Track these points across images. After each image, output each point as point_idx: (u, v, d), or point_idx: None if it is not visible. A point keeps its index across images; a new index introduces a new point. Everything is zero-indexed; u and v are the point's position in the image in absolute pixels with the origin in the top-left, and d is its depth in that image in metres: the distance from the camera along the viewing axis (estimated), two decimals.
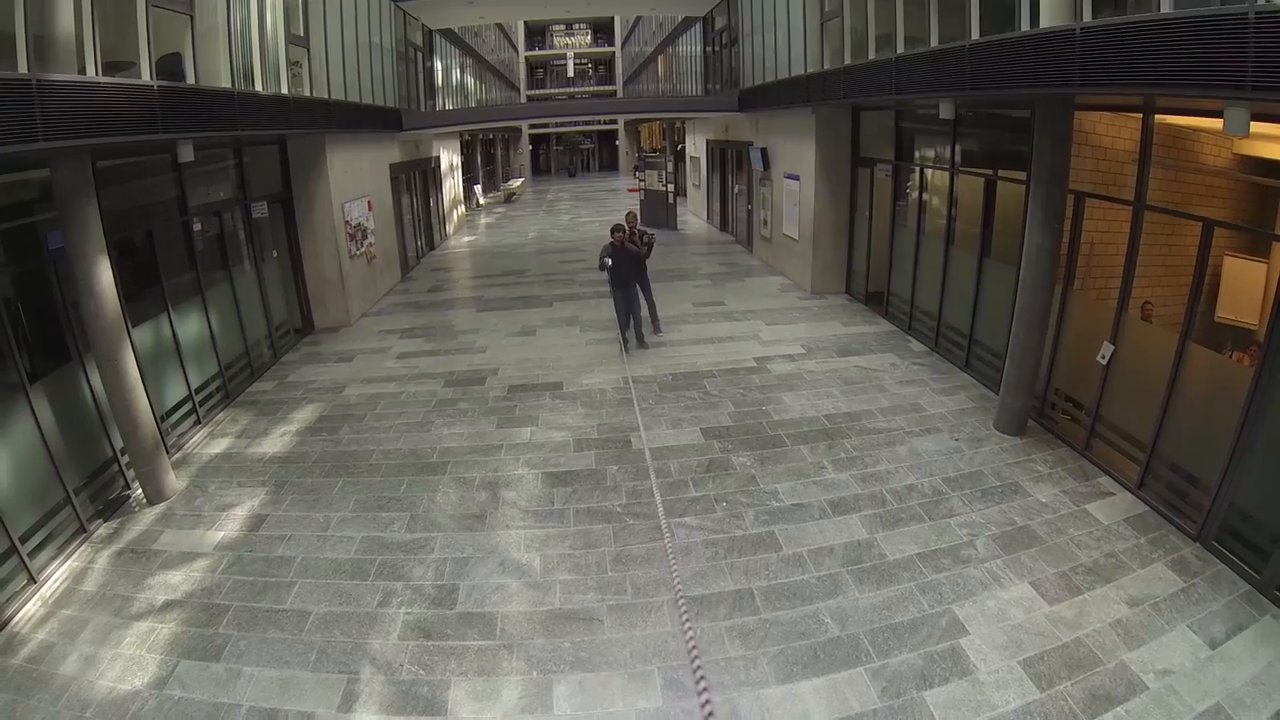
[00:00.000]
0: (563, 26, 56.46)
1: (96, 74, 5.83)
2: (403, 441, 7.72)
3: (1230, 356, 5.91)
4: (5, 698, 4.54)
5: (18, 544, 5.60)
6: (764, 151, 16.10)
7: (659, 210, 22.93)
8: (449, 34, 23.17)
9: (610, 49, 52.62)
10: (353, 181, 13.17)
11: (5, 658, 4.91)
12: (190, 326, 8.60)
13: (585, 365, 9.69)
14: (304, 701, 4.40)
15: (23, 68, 5.05)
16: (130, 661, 4.79)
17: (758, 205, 17.11)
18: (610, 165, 56.77)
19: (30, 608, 5.43)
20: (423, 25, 19.43)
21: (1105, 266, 6.96)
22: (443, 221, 22.57)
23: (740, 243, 19.13)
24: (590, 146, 58.58)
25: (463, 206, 27.41)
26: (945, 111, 8.15)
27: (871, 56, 9.41)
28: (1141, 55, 4.75)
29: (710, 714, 3.51)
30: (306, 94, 10.74)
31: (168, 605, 5.34)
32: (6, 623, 5.27)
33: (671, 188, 22.62)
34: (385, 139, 15.69)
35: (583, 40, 56.48)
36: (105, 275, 6.37)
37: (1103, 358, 6.61)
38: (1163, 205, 6.10)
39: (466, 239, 23.15)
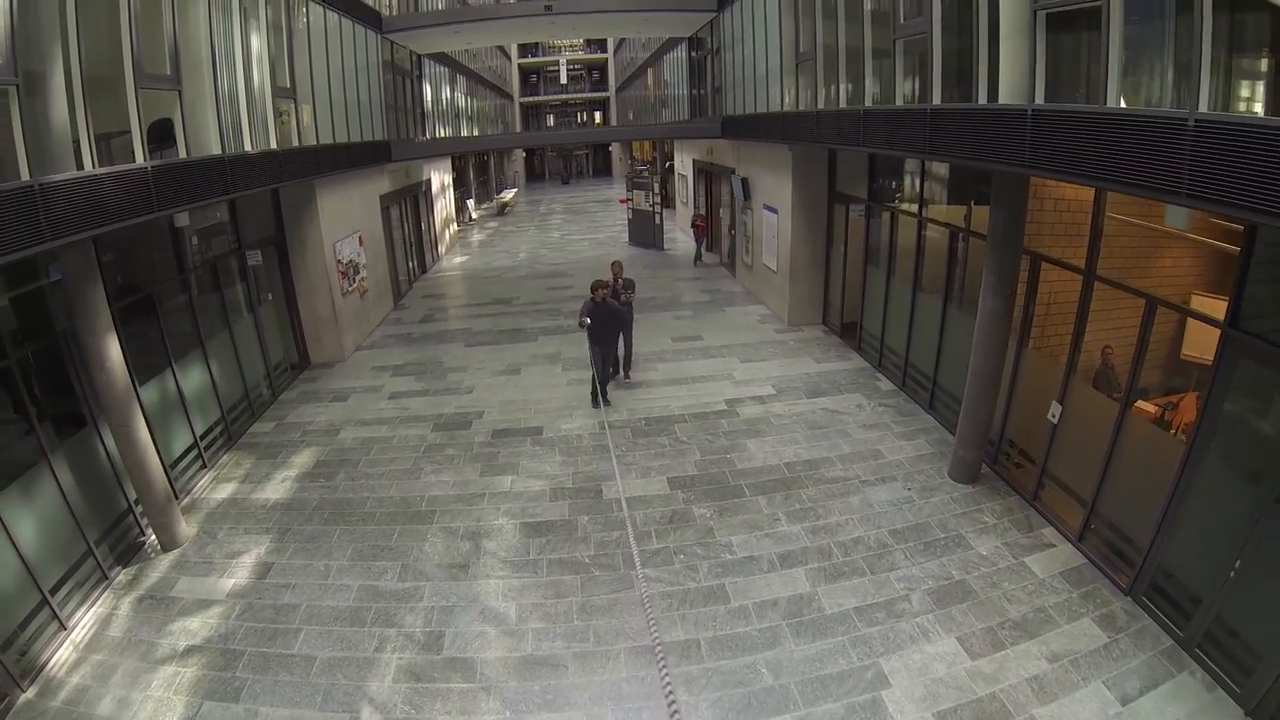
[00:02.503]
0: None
1: (93, 162, 6.20)
2: (394, 489, 8.37)
3: (1195, 396, 6.13)
4: None
5: (48, 596, 6.24)
6: (745, 181, 16.64)
7: (646, 230, 23.57)
8: (438, 54, 23.54)
9: (603, 55, 53.13)
10: (343, 220, 13.73)
11: (45, 700, 5.56)
12: (193, 378, 9.20)
13: (565, 408, 10.33)
14: None
15: (24, 173, 5.42)
16: (159, 703, 5.45)
17: (740, 232, 17.69)
18: (604, 171, 57.53)
19: (63, 653, 6.08)
20: (410, 51, 19.92)
21: (1063, 323, 7.30)
22: (434, 244, 23.17)
23: (725, 265, 19.72)
24: (584, 153, 59.26)
25: (455, 225, 27.98)
26: (912, 163, 8.62)
27: (842, 105, 9.73)
28: (1087, 145, 4.94)
29: None
30: (296, 143, 11.02)
31: (189, 650, 5.99)
32: (43, 667, 5.91)
33: (659, 208, 23.26)
34: (375, 171, 16.12)
35: (576, 45, 56.92)
36: (114, 351, 6.95)
37: (1053, 416, 7.14)
38: (1110, 277, 6.45)
39: (458, 259, 23.77)
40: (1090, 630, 5.74)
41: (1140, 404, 6.55)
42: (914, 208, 10.15)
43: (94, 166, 6.21)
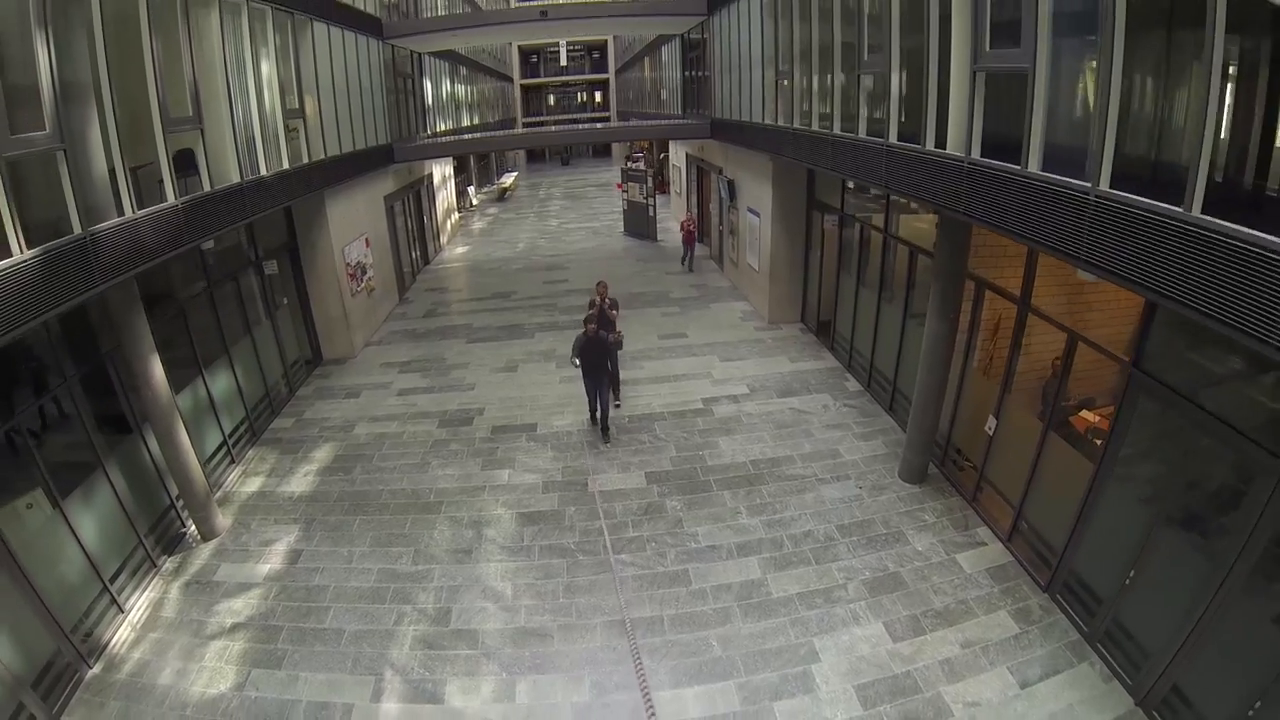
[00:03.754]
0: None
1: (132, 207, 6.98)
2: (405, 482, 9.46)
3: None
4: (119, 705, 6.27)
5: (108, 584, 7.31)
6: (731, 183, 17.47)
7: (641, 221, 24.44)
8: (438, 55, 24.20)
9: (603, 36, 53.37)
10: (350, 224, 14.65)
11: (111, 674, 6.64)
12: (220, 381, 10.22)
13: (557, 405, 11.38)
14: (345, 696, 6.21)
15: (75, 226, 6.09)
16: (213, 672, 6.55)
17: (727, 229, 18.58)
18: (604, 152, 58.24)
19: (123, 633, 7.16)
20: (411, 51, 20.58)
21: (1002, 344, 8.07)
22: (437, 234, 24.08)
23: (714, 258, 20.57)
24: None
25: (456, 214, 28.83)
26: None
27: (814, 126, 10.41)
28: (1009, 201, 5.60)
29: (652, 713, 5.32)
30: (305, 158, 11.75)
31: (235, 627, 7.09)
32: (106, 645, 6.99)
33: (653, 201, 24.10)
34: (379, 172, 16.88)
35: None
36: (157, 371, 7.95)
37: (989, 429, 8.05)
38: (1042, 307, 7.16)
39: (460, 250, 24.70)
40: (1005, 622, 6.63)
41: (1084, 413, 7.43)
42: (881, 222, 10.99)
43: (133, 210, 7.02)
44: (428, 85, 22.79)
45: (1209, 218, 3.97)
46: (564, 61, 56.13)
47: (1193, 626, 5.25)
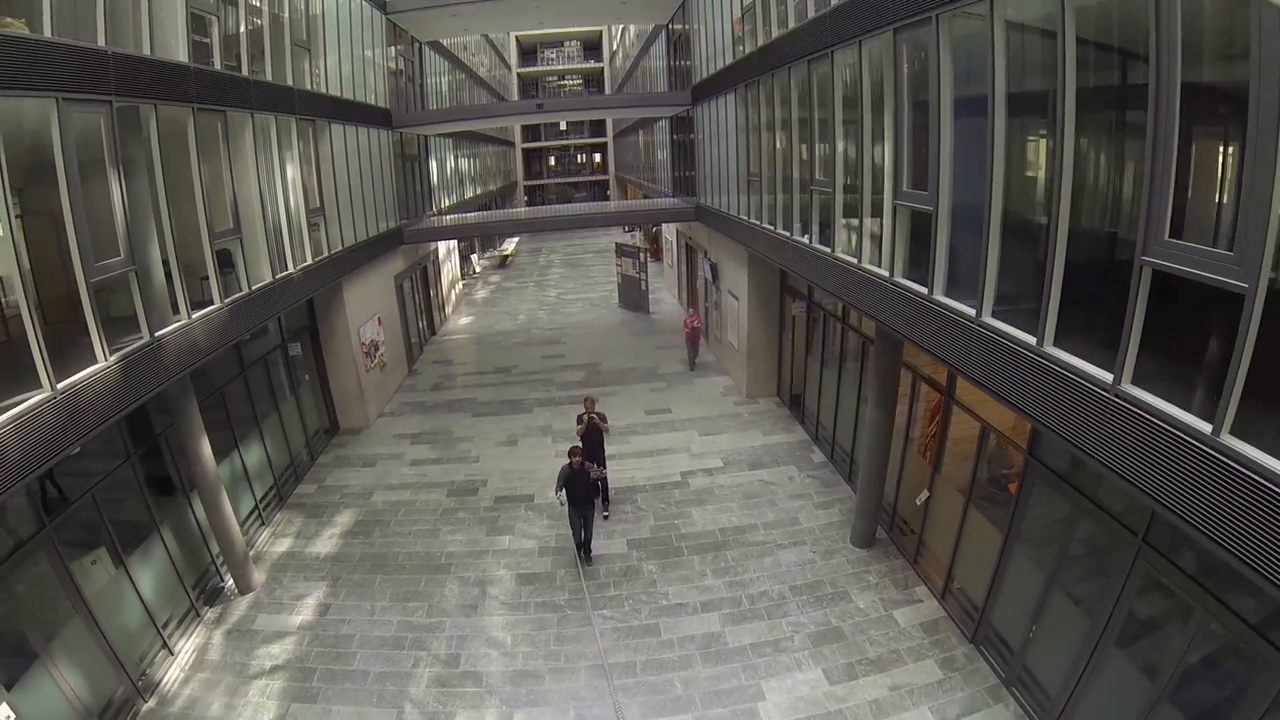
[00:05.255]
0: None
1: (187, 313, 8.42)
2: (419, 545, 10.82)
3: None
4: None
5: (160, 629, 8.59)
6: (714, 266, 19.06)
7: (634, 294, 26.12)
8: (443, 135, 25.85)
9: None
10: (364, 306, 16.12)
11: (164, 708, 7.88)
12: (252, 452, 11.63)
13: (552, 477, 12.51)
14: None
15: (145, 333, 7.44)
16: (256, 707, 7.81)
17: (711, 307, 20.17)
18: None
19: (173, 673, 8.41)
20: (417, 135, 21.79)
21: (935, 427, 9.33)
22: (442, 305, 25.77)
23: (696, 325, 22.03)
24: (584, 196, 62.37)
25: (460, 284, 30.59)
26: None
27: (778, 228, 11.92)
28: (918, 320, 7.14)
29: None
30: (325, 250, 13.08)
31: (273, 668, 8.37)
32: (159, 684, 8.24)
33: (645, 275, 25.83)
34: (389, 255, 18.17)
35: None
36: (206, 449, 9.34)
37: (921, 500, 9.37)
38: (962, 401, 8.45)
39: (464, 320, 26.35)
40: (931, 669, 7.84)
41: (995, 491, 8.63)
42: (839, 311, 12.35)
43: (188, 316, 8.49)
44: (433, 164, 24.27)
45: (1059, 351, 5.36)
46: (564, 126, 59.18)
47: (1080, 673, 6.39)
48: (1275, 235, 3.64)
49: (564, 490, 9.81)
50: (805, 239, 10.80)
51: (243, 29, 10.39)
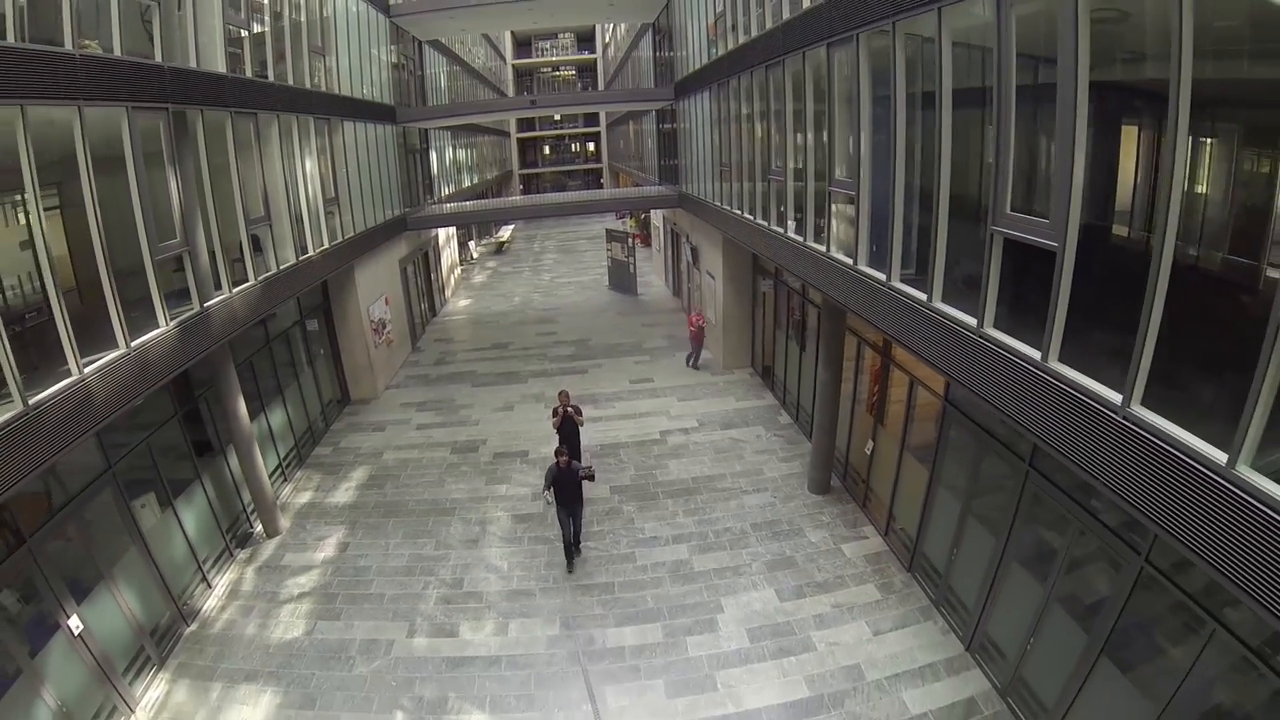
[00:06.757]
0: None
1: (228, 288, 9.75)
2: (427, 494, 12.20)
3: None
4: (215, 649, 8.83)
5: (201, 565, 9.93)
6: (694, 250, 20.42)
7: (623, 277, 27.42)
8: (442, 128, 27.02)
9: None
10: (373, 286, 17.49)
11: (206, 629, 9.21)
12: (276, 416, 12.97)
13: (545, 437, 14.03)
14: (388, 635, 8.88)
15: (195, 304, 8.88)
16: (287, 625, 9.18)
17: (693, 288, 21.47)
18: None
19: (212, 602, 9.74)
20: (419, 129, 23.03)
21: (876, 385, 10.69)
22: (443, 289, 27.05)
23: (684, 310, 23.38)
24: (577, 184, 63.43)
25: (459, 269, 31.85)
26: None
27: (745, 213, 13.29)
28: (869, 301, 8.81)
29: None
30: (340, 236, 14.41)
31: (301, 594, 9.75)
32: (200, 611, 9.55)
33: (633, 259, 27.13)
34: (394, 240, 19.52)
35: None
36: (242, 408, 10.68)
37: (867, 450, 10.79)
38: (896, 359, 9.79)
39: (463, 302, 27.66)
40: (870, 591, 9.14)
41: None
42: (801, 288, 13.68)
43: (228, 290, 9.83)
44: (433, 155, 25.51)
45: (945, 305, 6.83)
46: (558, 117, 60.12)
47: (990, 585, 7.60)
48: (1079, 206, 4.96)
49: (552, 489, 9.86)
50: (765, 222, 12.12)
51: (268, 40, 11.67)
